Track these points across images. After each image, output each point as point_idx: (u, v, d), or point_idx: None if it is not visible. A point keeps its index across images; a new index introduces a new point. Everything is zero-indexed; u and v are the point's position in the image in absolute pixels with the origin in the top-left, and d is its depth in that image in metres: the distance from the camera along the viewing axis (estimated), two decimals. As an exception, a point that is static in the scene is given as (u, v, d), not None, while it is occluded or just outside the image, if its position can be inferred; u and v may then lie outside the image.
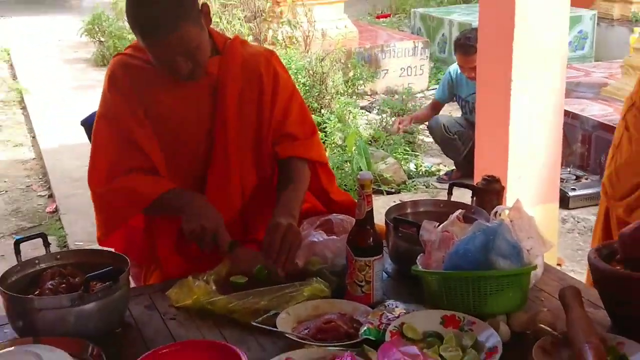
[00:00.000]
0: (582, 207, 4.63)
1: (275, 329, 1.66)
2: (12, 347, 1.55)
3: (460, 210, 1.90)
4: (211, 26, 2.06)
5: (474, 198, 2.13)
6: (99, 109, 2.11)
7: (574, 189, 4.69)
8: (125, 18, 1.98)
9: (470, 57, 4.81)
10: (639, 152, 1.96)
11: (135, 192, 2.03)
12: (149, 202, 2.02)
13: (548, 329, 1.60)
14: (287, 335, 1.63)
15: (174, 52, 1.92)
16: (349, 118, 5.77)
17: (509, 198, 2.47)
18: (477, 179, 2.17)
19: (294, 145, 2.18)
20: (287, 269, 1.87)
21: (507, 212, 1.87)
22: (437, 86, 5.49)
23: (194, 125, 2.10)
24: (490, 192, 2.10)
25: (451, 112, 5.94)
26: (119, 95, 2.06)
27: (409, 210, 2.11)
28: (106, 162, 2.07)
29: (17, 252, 1.81)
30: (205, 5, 2.00)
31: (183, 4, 1.92)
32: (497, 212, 1.89)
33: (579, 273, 3.57)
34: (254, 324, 1.70)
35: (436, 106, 5.29)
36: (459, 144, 5.08)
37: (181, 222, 1.96)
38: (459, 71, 5.06)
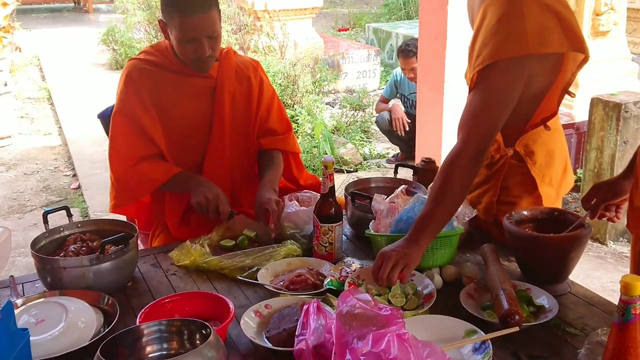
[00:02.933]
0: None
1: (256, 282, 1.65)
2: (42, 299, 1.53)
3: (403, 186, 1.90)
4: None
5: (415, 176, 2.13)
6: (116, 105, 2.05)
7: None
8: (162, 5, 1.95)
9: (409, 59, 4.82)
10: None
11: (147, 177, 1.99)
12: (159, 185, 1.99)
13: (472, 278, 1.63)
14: (266, 286, 1.63)
15: (203, 32, 1.88)
16: (316, 112, 5.74)
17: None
18: (417, 161, 2.17)
19: (274, 139, 2.18)
20: (278, 229, 1.86)
21: (440, 186, 1.87)
22: (386, 86, 5.47)
23: (196, 118, 2.06)
24: (428, 171, 2.11)
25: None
26: (133, 93, 2.01)
27: (363, 186, 2.11)
28: (122, 150, 2.03)
29: (45, 221, 1.79)
30: (220, 10, 1.97)
31: None
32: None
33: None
34: (240, 278, 1.69)
35: (384, 101, 5.29)
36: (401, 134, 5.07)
37: (189, 197, 1.94)
38: (402, 75, 5.05)
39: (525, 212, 1.72)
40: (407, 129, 4.94)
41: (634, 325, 1.07)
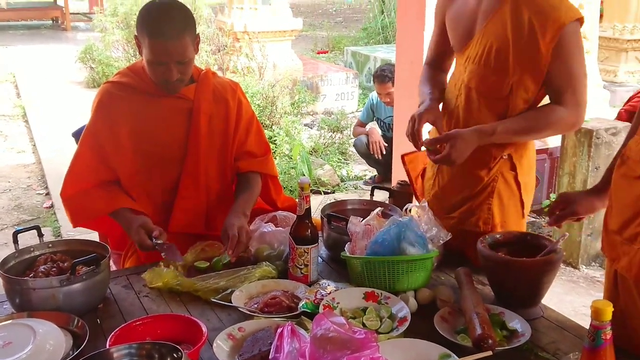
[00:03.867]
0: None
1: (230, 304, 1.64)
2: (10, 321, 1.49)
3: (379, 208, 1.91)
4: None
5: (391, 198, 2.14)
6: (86, 128, 2.06)
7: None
8: (137, 24, 1.94)
9: (385, 84, 4.87)
10: (459, 170, 1.93)
11: (88, 207, 2.00)
12: (101, 214, 2.00)
13: (446, 301, 1.63)
14: (240, 309, 1.61)
15: (172, 57, 1.88)
16: (294, 133, 5.75)
17: (418, 198, 2.50)
18: (394, 184, 2.18)
19: (252, 161, 2.16)
20: (236, 255, 1.84)
21: (415, 209, 1.89)
22: (362, 110, 5.51)
23: (171, 139, 2.04)
24: (403, 194, 2.12)
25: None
26: (102, 119, 2.01)
27: (339, 208, 2.11)
28: (78, 173, 2.02)
29: (15, 241, 1.75)
30: (198, 35, 1.97)
31: (189, 22, 1.92)
32: (407, 209, 1.91)
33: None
34: (214, 300, 1.67)
35: (361, 125, 5.33)
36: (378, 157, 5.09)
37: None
38: (378, 99, 5.10)
39: (498, 236, 1.74)
40: (384, 152, 4.97)
41: (604, 350, 1.08)
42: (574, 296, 3.45)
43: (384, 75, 4.85)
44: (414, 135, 1.89)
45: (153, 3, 1.93)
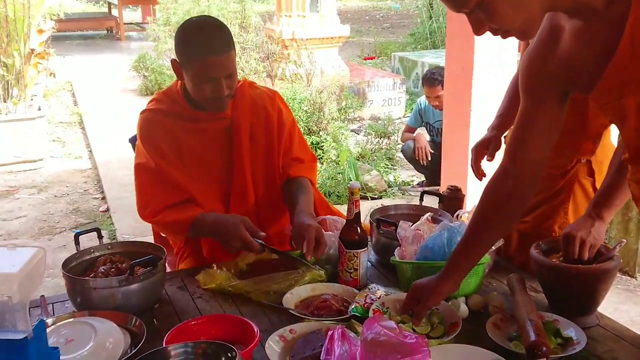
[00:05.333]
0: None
1: (281, 306, 1.66)
2: (72, 319, 1.56)
3: (429, 213, 1.90)
4: None
5: (441, 204, 2.13)
6: (136, 159, 2.05)
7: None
8: (178, 46, 1.94)
9: (434, 88, 4.82)
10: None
11: (171, 229, 2.01)
12: (185, 232, 1.95)
13: (499, 308, 1.61)
14: (290, 311, 1.63)
15: (223, 72, 1.88)
16: (341, 139, 5.76)
17: (468, 204, 2.47)
18: (443, 189, 2.17)
19: (301, 167, 2.15)
20: (317, 255, 1.82)
21: (466, 215, 1.87)
22: (410, 115, 5.47)
23: (216, 160, 2.05)
24: (454, 199, 2.11)
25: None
26: (150, 146, 2.01)
27: (388, 213, 2.11)
28: (150, 201, 2.00)
29: (77, 242, 1.82)
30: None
31: (230, 35, 1.94)
32: (458, 215, 1.90)
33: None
34: (265, 302, 1.70)
35: (410, 130, 5.30)
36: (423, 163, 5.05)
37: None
38: (426, 103, 5.06)
39: (553, 242, 1.70)
40: (429, 158, 4.93)
41: (665, 359, 1.05)
42: (630, 305, 3.33)
43: (433, 79, 4.81)
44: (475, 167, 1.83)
45: (190, 23, 1.94)
